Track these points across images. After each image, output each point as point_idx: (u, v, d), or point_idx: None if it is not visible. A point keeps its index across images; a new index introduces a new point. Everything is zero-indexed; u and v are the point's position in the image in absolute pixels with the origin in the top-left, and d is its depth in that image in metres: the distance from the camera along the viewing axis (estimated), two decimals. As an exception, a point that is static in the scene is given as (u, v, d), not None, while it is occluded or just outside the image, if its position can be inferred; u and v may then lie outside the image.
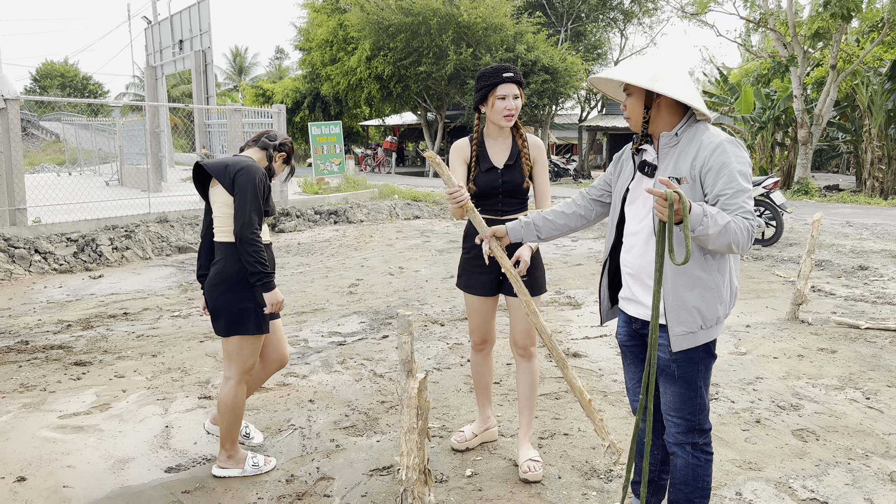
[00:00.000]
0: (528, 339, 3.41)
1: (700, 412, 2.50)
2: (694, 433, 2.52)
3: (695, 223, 2.19)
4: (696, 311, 2.40)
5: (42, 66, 53.98)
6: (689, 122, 2.43)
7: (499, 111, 3.21)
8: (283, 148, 3.50)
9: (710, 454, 2.56)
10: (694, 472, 2.54)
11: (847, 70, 18.83)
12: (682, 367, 2.45)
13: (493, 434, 3.75)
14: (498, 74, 3.18)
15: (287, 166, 3.58)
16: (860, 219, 13.30)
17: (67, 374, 4.85)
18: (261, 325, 3.29)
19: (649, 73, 2.38)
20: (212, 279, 3.28)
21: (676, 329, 2.41)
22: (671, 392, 2.50)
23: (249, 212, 3.15)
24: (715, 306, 2.41)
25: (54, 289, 7.76)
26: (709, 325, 2.42)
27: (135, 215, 10.92)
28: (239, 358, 3.30)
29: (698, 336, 2.42)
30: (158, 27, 17.46)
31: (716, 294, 2.41)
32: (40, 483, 3.31)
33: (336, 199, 14.92)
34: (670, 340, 2.42)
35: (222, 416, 3.33)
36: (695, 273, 2.39)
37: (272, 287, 3.24)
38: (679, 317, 2.40)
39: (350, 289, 7.64)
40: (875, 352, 5.28)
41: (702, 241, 2.24)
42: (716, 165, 2.31)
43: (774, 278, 8.11)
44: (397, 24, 24.34)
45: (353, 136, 40.06)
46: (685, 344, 2.41)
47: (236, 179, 3.18)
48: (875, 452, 3.62)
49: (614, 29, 33.94)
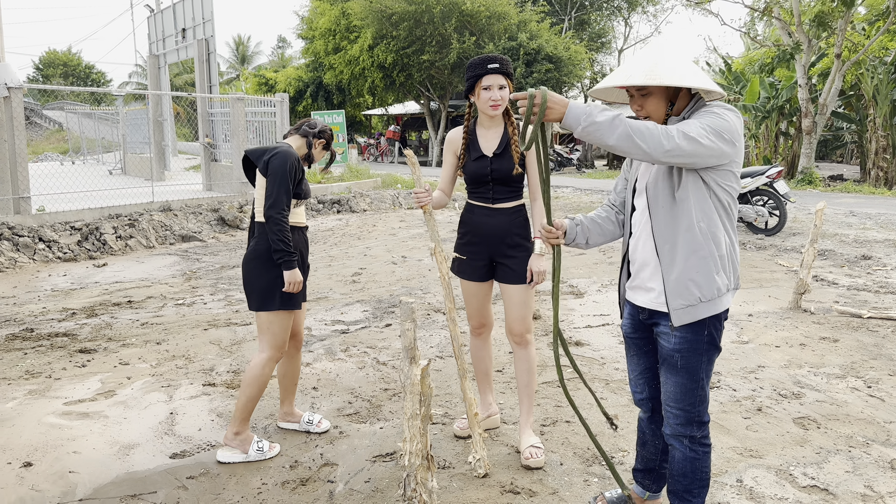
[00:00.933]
0: (523, 326, 3.43)
1: (700, 404, 2.50)
2: (692, 425, 2.52)
3: (576, 116, 2.19)
4: (692, 283, 2.39)
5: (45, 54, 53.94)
6: (697, 104, 2.43)
7: (484, 101, 3.26)
8: (322, 135, 3.66)
9: (707, 447, 2.56)
10: (692, 464, 2.54)
11: (852, 59, 18.71)
12: (686, 357, 2.45)
13: (495, 421, 3.77)
14: (483, 65, 3.22)
15: (326, 152, 3.73)
16: (864, 208, 13.27)
17: (72, 361, 4.88)
18: (287, 302, 3.41)
19: (643, 70, 2.37)
20: (246, 256, 3.48)
21: (675, 303, 2.40)
22: (672, 382, 2.50)
23: (278, 192, 3.31)
24: (711, 276, 2.38)
25: (58, 277, 7.79)
26: (707, 297, 2.39)
27: (138, 204, 10.95)
28: (269, 332, 3.43)
29: (699, 309, 2.39)
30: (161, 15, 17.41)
31: (710, 262, 2.38)
32: (46, 468, 3.34)
33: (339, 188, 14.92)
34: (671, 316, 2.42)
35: (244, 387, 3.44)
36: (686, 242, 2.38)
37: (292, 266, 3.36)
38: (676, 290, 2.40)
39: (353, 277, 7.66)
40: (877, 341, 5.29)
41: (596, 134, 2.19)
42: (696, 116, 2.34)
43: (777, 267, 8.11)
44: (400, 12, 24.26)
45: (356, 126, 39.99)
46: (686, 318, 2.40)
47: (270, 163, 3.36)
48: (876, 440, 3.63)
49: (618, 17, 33.80)
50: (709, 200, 2.38)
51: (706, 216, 2.38)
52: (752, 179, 10.10)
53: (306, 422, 3.77)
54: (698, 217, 2.38)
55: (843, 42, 18.54)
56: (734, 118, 2.33)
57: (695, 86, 2.32)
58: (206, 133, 14.31)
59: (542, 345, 5.21)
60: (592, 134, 2.18)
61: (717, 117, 2.30)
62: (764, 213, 10.21)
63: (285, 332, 3.47)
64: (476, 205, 3.43)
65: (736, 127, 2.32)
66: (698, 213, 2.38)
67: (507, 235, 3.36)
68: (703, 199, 2.38)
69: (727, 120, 2.30)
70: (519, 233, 3.38)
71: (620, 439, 3.64)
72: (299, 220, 3.55)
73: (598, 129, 2.18)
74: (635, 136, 2.16)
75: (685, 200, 2.37)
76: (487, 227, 3.39)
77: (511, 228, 3.37)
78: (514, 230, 3.37)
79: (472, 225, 3.44)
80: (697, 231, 2.38)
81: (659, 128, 2.20)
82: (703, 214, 2.38)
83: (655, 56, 2.39)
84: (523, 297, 3.39)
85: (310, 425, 3.75)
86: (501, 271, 3.42)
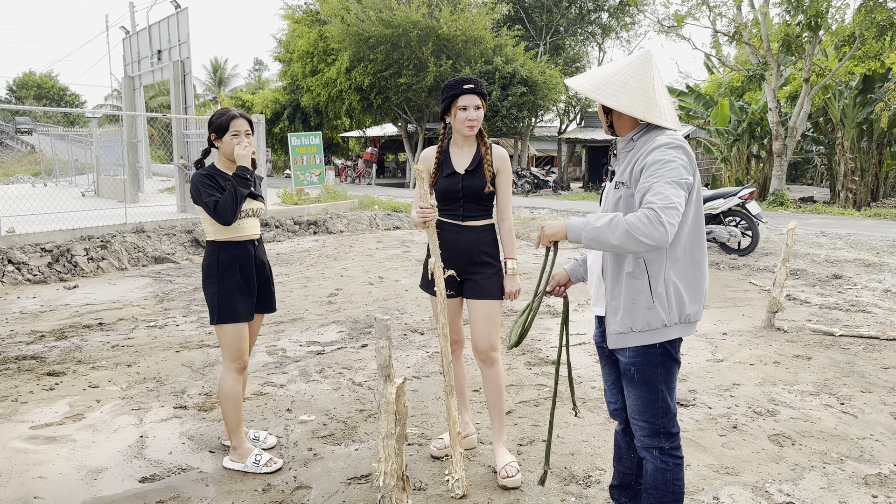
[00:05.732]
0: (488, 342, 3.42)
1: (664, 416, 2.50)
2: (660, 437, 2.52)
3: (577, 229, 2.30)
4: (625, 313, 2.42)
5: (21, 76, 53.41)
6: (647, 129, 2.44)
7: (461, 121, 3.30)
8: (209, 128, 3.53)
9: (679, 458, 2.55)
10: (664, 476, 2.54)
11: (820, 83, 19.18)
12: (641, 370, 2.47)
13: (472, 441, 3.74)
14: (459, 86, 3.29)
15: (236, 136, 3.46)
16: (834, 229, 13.51)
17: (40, 384, 4.77)
18: (226, 314, 3.44)
19: (598, 80, 2.43)
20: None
21: (611, 326, 2.47)
22: (633, 395, 2.52)
23: (205, 205, 3.35)
24: (642, 311, 2.39)
25: (27, 299, 7.64)
26: (639, 328, 2.41)
27: (111, 226, 10.79)
28: (222, 344, 3.50)
29: (631, 338, 2.43)
30: (137, 37, 17.33)
31: (643, 298, 2.39)
32: (11, 494, 3.24)
33: (316, 209, 14.86)
34: (607, 337, 2.50)
35: (220, 404, 3.54)
36: (624, 276, 2.42)
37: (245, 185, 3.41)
38: (613, 315, 2.47)
39: (329, 298, 7.61)
40: (849, 358, 5.35)
41: (600, 238, 2.24)
42: (648, 163, 2.32)
43: (750, 287, 8.20)
44: (378, 35, 24.42)
45: (334, 148, 39.99)
46: (619, 343, 2.46)
47: (191, 192, 3.44)
48: (850, 456, 3.65)
49: (592, 43, 34.34)
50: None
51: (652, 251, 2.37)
52: (725, 200, 10.24)
53: (252, 438, 3.79)
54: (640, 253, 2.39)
55: (811, 66, 19.00)
56: (684, 156, 2.32)
57: (632, 114, 2.34)
58: (181, 154, 14.20)
59: (518, 364, 5.19)
60: (596, 238, 2.25)
61: (672, 168, 2.27)
62: (737, 234, 10.34)
63: (237, 343, 3.49)
64: (446, 221, 3.44)
65: (689, 165, 2.32)
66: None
67: (475, 253, 3.38)
68: None
69: (683, 167, 2.29)
70: (487, 251, 3.41)
71: (598, 458, 3.63)
72: (248, 232, 3.55)
73: (600, 233, 2.24)
74: (634, 233, 2.18)
75: None
76: (456, 244, 3.40)
77: (479, 246, 3.39)
78: (482, 248, 3.39)
79: (441, 241, 3.45)
80: (636, 265, 2.40)
81: (646, 215, 2.19)
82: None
83: (616, 70, 2.43)
84: (489, 312, 3.39)
85: (256, 442, 3.79)
86: (468, 287, 3.44)
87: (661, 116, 2.37)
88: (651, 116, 2.35)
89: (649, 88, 2.39)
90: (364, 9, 24.75)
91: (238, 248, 3.50)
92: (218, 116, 3.50)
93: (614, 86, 2.39)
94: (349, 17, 24.77)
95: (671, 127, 2.40)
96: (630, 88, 2.37)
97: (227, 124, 3.46)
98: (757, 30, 20.11)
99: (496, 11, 27.78)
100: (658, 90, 2.40)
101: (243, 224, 3.52)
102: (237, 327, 3.48)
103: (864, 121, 20.22)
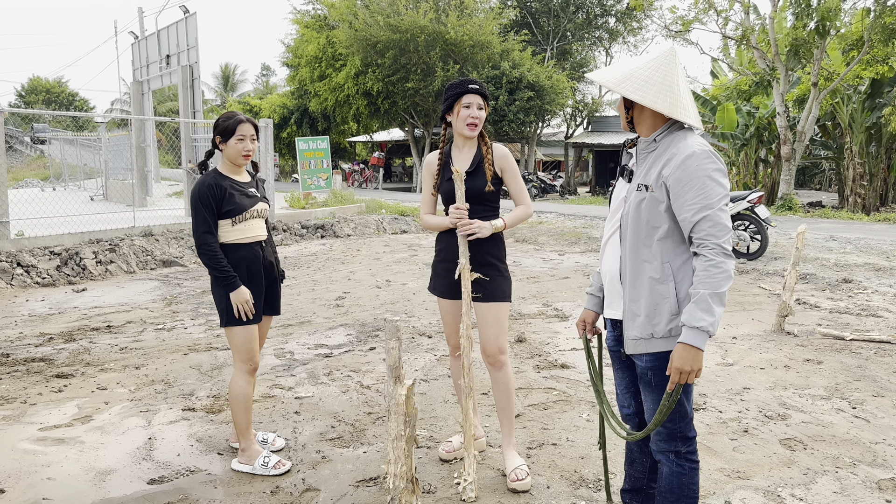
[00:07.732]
0: (496, 345, 3.40)
1: (681, 420, 2.47)
2: (676, 441, 2.49)
3: (705, 335, 2.23)
4: (646, 319, 2.39)
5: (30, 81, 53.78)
6: (671, 129, 2.40)
7: (463, 119, 3.30)
8: (215, 130, 3.51)
9: (695, 462, 2.52)
10: (679, 480, 2.51)
11: (828, 88, 19.11)
12: (659, 375, 2.43)
13: (481, 444, 3.72)
14: (464, 85, 3.31)
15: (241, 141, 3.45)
16: (843, 233, 13.43)
17: (49, 386, 4.78)
18: (233, 318, 3.44)
19: (622, 73, 2.39)
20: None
21: (630, 332, 2.43)
22: (650, 400, 2.48)
23: (195, 222, 3.38)
24: (666, 317, 2.36)
25: (36, 302, 7.66)
26: (661, 334, 2.37)
27: (119, 229, 10.83)
28: (232, 347, 3.50)
29: (651, 344, 2.39)
30: (145, 42, 17.43)
31: (668, 304, 2.36)
32: (19, 496, 3.24)
33: (323, 213, 14.88)
34: (625, 344, 2.46)
35: (230, 405, 3.53)
36: (649, 281, 2.38)
37: (234, 287, 3.39)
38: (631, 322, 2.43)
39: (337, 301, 7.60)
40: (860, 362, 5.31)
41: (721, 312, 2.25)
42: (683, 177, 2.28)
43: (760, 291, 8.15)
44: (385, 40, 24.48)
45: (341, 152, 40.08)
46: (638, 349, 2.42)
47: (191, 197, 3.44)
48: (862, 461, 3.62)
49: (600, 48, 34.31)
50: (684, 243, 2.37)
51: (677, 256, 2.37)
52: (734, 204, 10.19)
53: (260, 441, 3.78)
54: (666, 258, 2.37)
55: (819, 71, 18.93)
56: (719, 163, 2.31)
57: (659, 109, 2.30)
58: (190, 159, 14.25)
59: (527, 367, 5.17)
60: (720, 315, 2.24)
61: (715, 185, 2.26)
62: (745, 238, 10.29)
63: (248, 344, 3.49)
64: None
65: (724, 171, 2.32)
66: (668, 254, 2.37)
67: (480, 254, 3.35)
68: (679, 241, 2.37)
69: (722, 182, 2.28)
70: (492, 252, 3.38)
71: (609, 462, 3.59)
72: (254, 233, 3.53)
73: (716, 312, 2.22)
74: (722, 281, 2.22)
75: (659, 241, 2.37)
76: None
77: (484, 247, 3.36)
78: (487, 249, 3.36)
79: (447, 243, 3.44)
80: (662, 271, 2.37)
81: (720, 262, 2.23)
82: (673, 255, 2.37)
83: (643, 64, 2.40)
84: (496, 315, 3.37)
85: (264, 444, 3.78)
86: (474, 290, 3.41)
87: (686, 114, 2.33)
88: (676, 113, 2.31)
89: (674, 85, 2.35)
90: (372, 14, 24.83)
91: (245, 250, 3.49)
92: (224, 120, 3.49)
93: (639, 80, 2.35)
94: (357, 22, 24.85)
95: (695, 125, 2.38)
96: (655, 83, 2.34)
97: (233, 128, 3.45)
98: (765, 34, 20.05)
99: (503, 16, 27.85)
100: (682, 87, 2.37)
101: (249, 226, 3.52)
102: (247, 329, 3.48)
103: (872, 125, 20.13)
